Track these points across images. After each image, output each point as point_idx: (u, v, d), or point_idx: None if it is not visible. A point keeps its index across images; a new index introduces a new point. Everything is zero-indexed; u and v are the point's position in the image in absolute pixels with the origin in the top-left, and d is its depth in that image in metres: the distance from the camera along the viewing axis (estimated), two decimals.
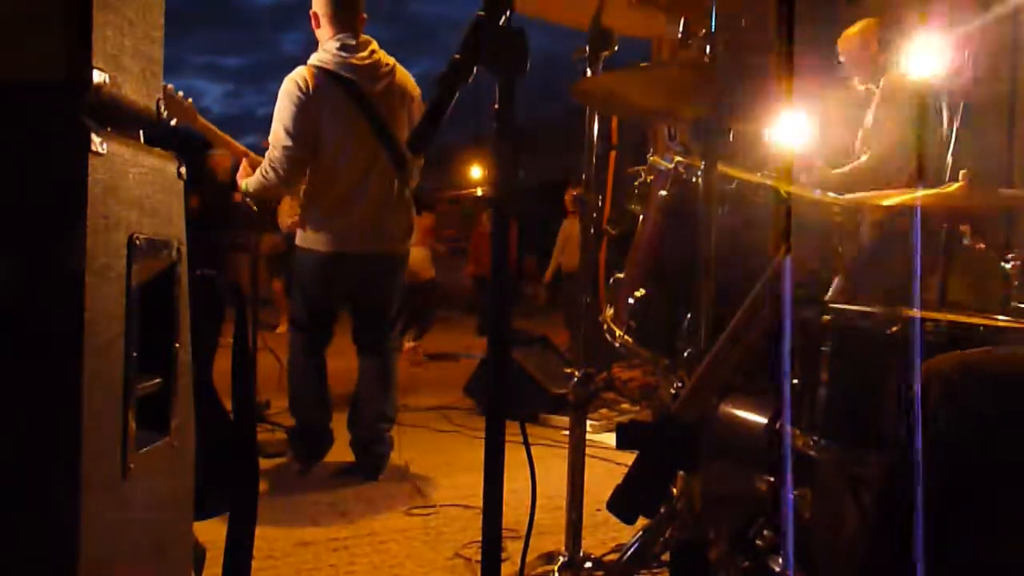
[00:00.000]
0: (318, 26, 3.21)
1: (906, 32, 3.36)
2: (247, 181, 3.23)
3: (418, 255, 6.62)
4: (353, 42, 3.18)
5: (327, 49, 3.17)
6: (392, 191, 3.23)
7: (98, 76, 1.09)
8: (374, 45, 3.26)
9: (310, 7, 3.27)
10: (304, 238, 3.23)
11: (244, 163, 3.33)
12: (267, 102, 3.33)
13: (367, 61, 3.20)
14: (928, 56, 2.95)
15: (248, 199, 3.68)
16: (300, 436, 3.36)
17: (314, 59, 3.17)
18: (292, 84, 3.11)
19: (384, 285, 3.30)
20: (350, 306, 3.37)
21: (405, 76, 3.32)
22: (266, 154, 3.13)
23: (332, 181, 3.15)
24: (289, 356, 3.35)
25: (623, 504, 1.73)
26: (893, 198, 2.11)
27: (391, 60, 3.28)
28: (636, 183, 2.44)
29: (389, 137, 3.18)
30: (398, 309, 3.38)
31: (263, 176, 3.14)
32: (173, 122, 3.17)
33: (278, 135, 3.10)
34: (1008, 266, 2.02)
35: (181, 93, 3.18)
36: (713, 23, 1.94)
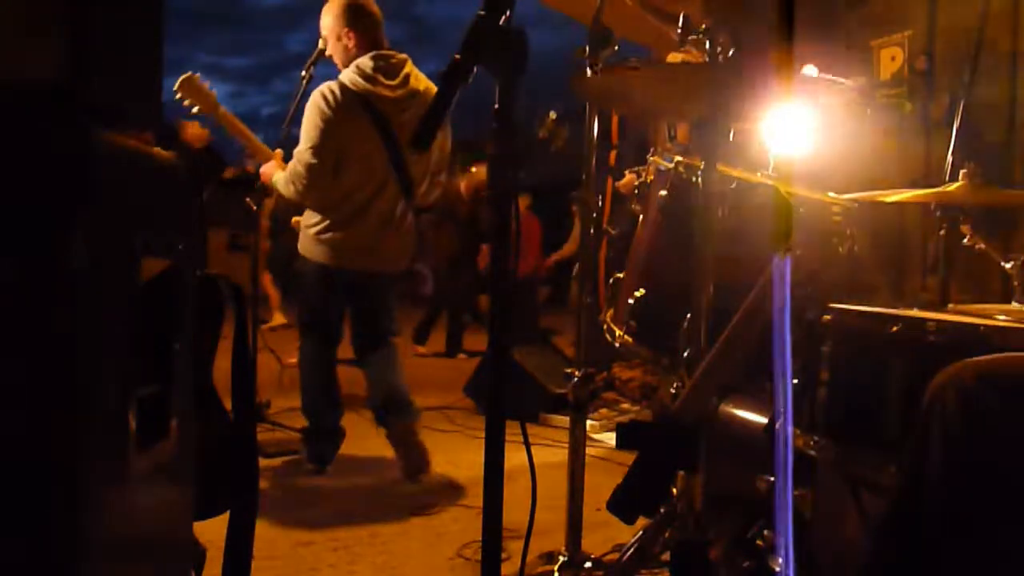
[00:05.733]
0: (351, 44, 3.19)
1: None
2: (277, 180, 3.25)
3: None
4: (385, 64, 3.17)
5: (362, 67, 3.14)
6: (395, 214, 3.24)
7: (98, 76, 1.09)
8: (408, 67, 3.24)
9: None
10: (305, 246, 3.27)
11: (274, 161, 3.33)
12: (272, 102, 3.35)
13: (399, 92, 3.18)
14: None
15: (249, 199, 3.71)
16: (313, 436, 3.37)
17: (347, 77, 3.14)
18: (323, 100, 3.09)
19: (378, 300, 3.35)
20: (349, 312, 3.39)
21: (428, 93, 3.28)
22: (290, 165, 3.15)
23: (341, 200, 3.18)
24: (300, 357, 3.37)
25: (623, 504, 1.73)
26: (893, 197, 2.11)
27: (421, 84, 3.25)
28: (636, 183, 2.44)
29: (403, 165, 3.21)
30: (394, 318, 3.42)
31: (286, 186, 3.18)
32: (195, 109, 3.22)
33: (303, 152, 3.11)
34: (1008, 266, 2.02)
35: (208, 83, 3.20)
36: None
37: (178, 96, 3.20)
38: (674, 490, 2.07)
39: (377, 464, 3.42)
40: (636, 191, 2.43)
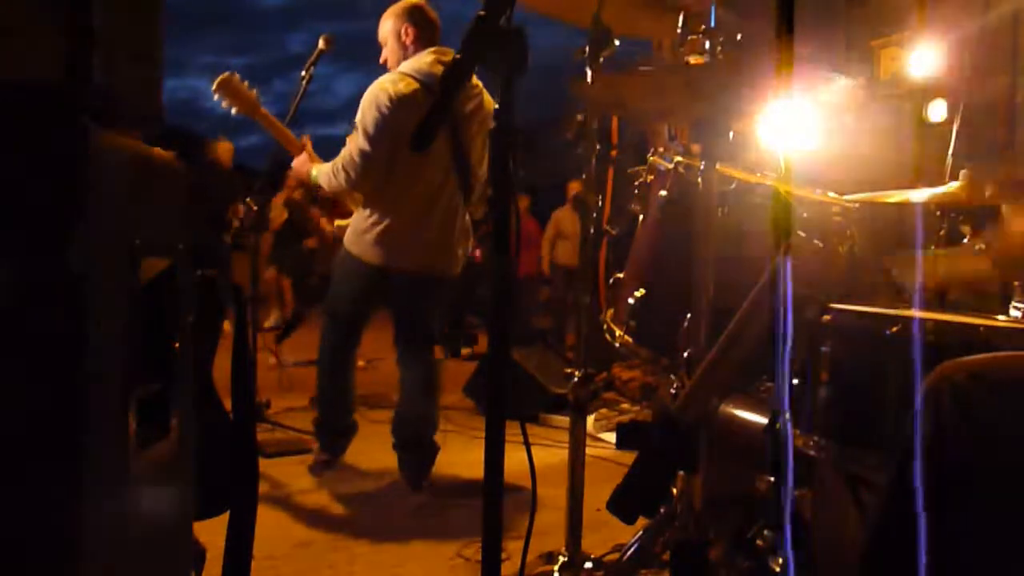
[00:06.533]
0: (408, 40, 3.15)
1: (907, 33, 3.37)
2: (317, 173, 3.19)
3: None
4: (444, 57, 3.11)
5: (422, 59, 3.09)
6: (455, 216, 3.17)
7: (98, 76, 1.09)
8: None
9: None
10: (356, 244, 3.17)
11: (304, 154, 3.29)
12: (273, 102, 3.29)
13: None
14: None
15: (250, 199, 3.69)
16: (326, 428, 3.35)
17: (410, 67, 3.08)
18: (383, 91, 3.01)
19: (426, 302, 3.25)
20: (392, 314, 3.33)
21: (489, 101, 3.22)
22: (343, 152, 3.07)
23: (401, 199, 3.09)
24: (320, 349, 3.32)
25: (623, 504, 1.73)
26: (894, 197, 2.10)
27: (478, 82, 3.20)
28: (636, 183, 2.44)
29: (464, 161, 3.14)
30: (440, 321, 3.35)
31: (333, 175, 3.09)
32: (233, 111, 3.16)
33: (358, 139, 3.02)
34: None
35: (247, 83, 3.16)
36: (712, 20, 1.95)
37: (216, 97, 3.13)
38: (674, 490, 2.07)
39: (377, 464, 3.41)
40: (636, 191, 2.43)
